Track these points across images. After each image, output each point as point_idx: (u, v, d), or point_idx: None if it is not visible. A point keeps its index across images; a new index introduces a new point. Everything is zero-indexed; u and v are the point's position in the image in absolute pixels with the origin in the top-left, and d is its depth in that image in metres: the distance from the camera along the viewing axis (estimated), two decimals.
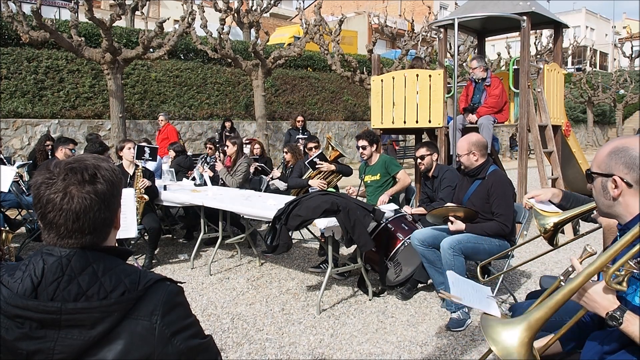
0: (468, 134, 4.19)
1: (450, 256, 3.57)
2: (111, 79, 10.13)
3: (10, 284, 1.14)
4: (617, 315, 1.44)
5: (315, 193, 4.42)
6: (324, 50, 13.64)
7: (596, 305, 1.49)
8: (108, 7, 26.08)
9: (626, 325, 1.44)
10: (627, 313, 1.45)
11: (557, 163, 6.95)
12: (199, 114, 14.42)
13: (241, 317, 3.86)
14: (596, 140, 27.58)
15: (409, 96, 7.04)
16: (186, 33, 10.58)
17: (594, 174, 1.65)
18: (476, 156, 3.90)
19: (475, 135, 4.04)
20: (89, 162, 1.21)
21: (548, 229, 2.12)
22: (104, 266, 1.18)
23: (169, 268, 5.25)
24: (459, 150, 4.00)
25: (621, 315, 1.44)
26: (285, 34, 21.74)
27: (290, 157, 6.63)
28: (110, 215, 1.24)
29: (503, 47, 23.56)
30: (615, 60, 40.87)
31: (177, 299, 1.22)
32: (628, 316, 1.44)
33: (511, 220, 3.76)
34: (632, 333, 1.43)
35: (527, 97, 6.56)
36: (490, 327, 1.44)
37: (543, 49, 23.79)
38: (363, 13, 29.53)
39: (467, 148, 3.91)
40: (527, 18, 6.48)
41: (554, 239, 2.17)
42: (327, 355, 3.23)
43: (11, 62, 11.65)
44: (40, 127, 11.40)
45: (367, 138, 4.96)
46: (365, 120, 17.68)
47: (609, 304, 1.47)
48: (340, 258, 4.71)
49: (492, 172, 3.87)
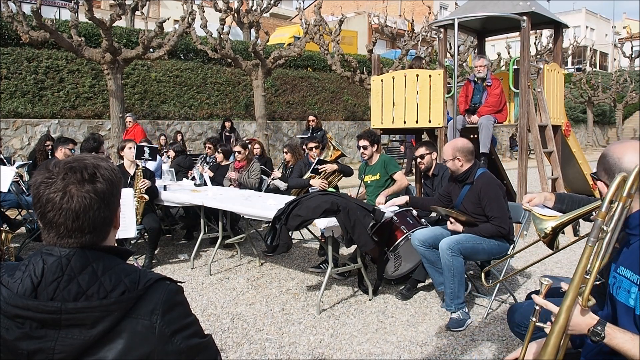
0: (453, 140, 4.19)
1: (449, 257, 3.57)
2: (111, 79, 10.14)
3: (10, 284, 1.14)
4: (598, 330, 1.50)
5: (315, 193, 4.43)
6: (324, 50, 13.65)
7: (579, 328, 1.54)
8: (108, 7, 26.09)
9: (609, 339, 1.49)
10: (607, 326, 1.50)
11: (557, 163, 6.95)
12: (199, 114, 14.42)
13: (241, 317, 3.86)
14: (596, 141, 27.58)
15: (409, 96, 7.04)
16: (186, 33, 10.59)
17: (592, 175, 1.76)
18: (461, 161, 3.88)
19: (461, 141, 4.00)
20: (89, 161, 1.21)
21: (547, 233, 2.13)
22: (103, 266, 1.18)
23: (169, 268, 5.25)
24: (444, 155, 4.01)
25: (602, 329, 1.50)
26: (285, 34, 21.74)
27: (290, 157, 6.64)
28: (109, 214, 1.24)
29: (503, 47, 23.58)
30: (615, 60, 40.88)
31: (177, 298, 1.23)
32: (608, 329, 1.50)
33: (507, 220, 3.75)
34: (616, 346, 1.48)
35: (527, 97, 6.56)
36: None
37: (543, 49, 23.80)
38: (363, 13, 29.53)
39: (451, 154, 3.89)
40: (527, 18, 6.48)
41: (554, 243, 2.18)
42: (327, 355, 3.23)
43: (11, 62, 11.66)
44: (40, 127, 11.40)
45: (368, 138, 4.96)
46: (365, 120, 17.68)
47: (589, 322, 1.53)
48: (340, 258, 4.72)
49: (480, 175, 3.84)
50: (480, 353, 3.23)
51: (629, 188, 1.47)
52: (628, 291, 1.54)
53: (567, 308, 1.50)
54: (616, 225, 1.50)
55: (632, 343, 1.45)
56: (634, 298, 1.51)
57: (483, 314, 3.86)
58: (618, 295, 1.59)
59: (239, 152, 6.29)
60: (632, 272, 1.53)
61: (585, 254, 1.48)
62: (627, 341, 1.46)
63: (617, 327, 1.51)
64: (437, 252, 3.79)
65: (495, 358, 3.18)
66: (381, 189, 4.85)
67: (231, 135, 12.11)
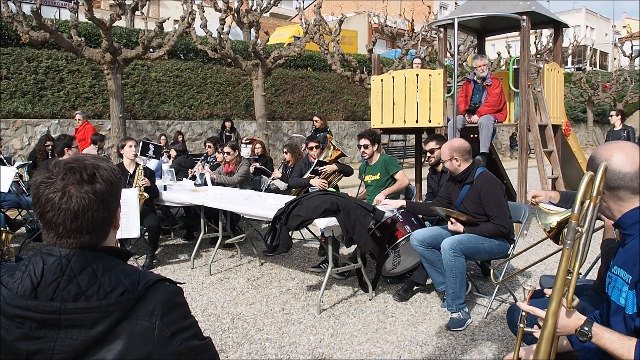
0: (451, 140, 4.17)
1: (451, 257, 3.57)
2: (111, 79, 10.14)
3: (10, 284, 1.14)
4: (585, 330, 1.51)
5: (315, 193, 4.43)
6: (324, 50, 13.64)
7: (567, 329, 1.55)
8: (108, 7, 26.08)
9: (596, 340, 1.50)
10: (594, 326, 1.51)
11: (557, 162, 6.95)
12: (199, 113, 14.42)
13: (241, 317, 3.86)
14: (596, 140, 27.56)
15: (409, 96, 7.04)
16: (186, 33, 10.59)
17: None
18: (458, 161, 3.87)
19: (457, 141, 3.99)
20: (88, 161, 1.21)
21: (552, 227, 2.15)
22: (103, 266, 1.18)
23: (169, 268, 5.25)
24: (441, 156, 4.00)
25: (589, 329, 1.51)
26: (285, 33, 21.73)
27: (290, 157, 6.63)
28: (109, 215, 1.24)
29: (503, 46, 23.57)
30: (615, 60, 40.85)
31: (177, 300, 1.22)
32: (595, 329, 1.51)
33: (507, 220, 3.75)
34: (603, 346, 1.49)
35: (527, 96, 6.56)
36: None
37: (543, 48, 23.79)
38: (363, 13, 29.51)
39: (448, 154, 3.88)
40: (527, 18, 6.48)
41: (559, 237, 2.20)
42: (327, 355, 3.23)
43: (11, 62, 11.66)
44: (40, 127, 11.40)
45: (369, 137, 4.96)
46: (365, 120, 17.67)
47: (576, 322, 1.53)
48: (341, 258, 4.72)
49: (480, 175, 3.84)
50: (480, 353, 3.23)
51: (597, 187, 1.47)
52: (620, 290, 1.55)
53: (552, 313, 1.51)
54: (590, 226, 1.50)
55: (619, 343, 1.45)
56: (625, 297, 1.53)
57: (483, 313, 3.86)
58: (612, 294, 1.60)
59: (227, 153, 6.09)
60: (625, 271, 1.54)
61: (564, 257, 1.49)
62: (614, 341, 1.47)
63: (604, 327, 1.52)
64: (436, 252, 3.79)
65: (496, 358, 3.18)
66: (381, 189, 4.85)
67: (231, 135, 12.11)
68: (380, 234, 4.31)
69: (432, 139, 4.86)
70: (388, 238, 4.29)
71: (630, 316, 1.50)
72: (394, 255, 4.26)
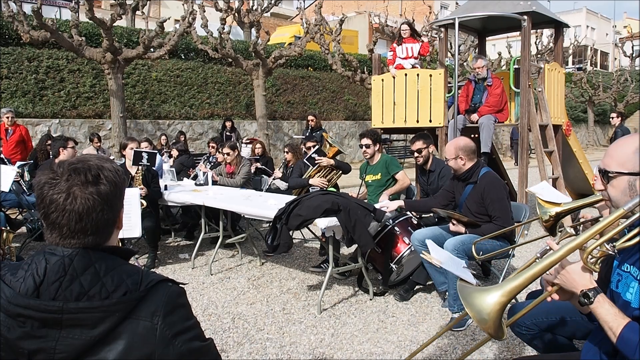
0: (455, 138, 4.15)
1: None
2: (112, 79, 10.15)
3: (12, 283, 1.14)
4: (591, 294, 1.46)
5: (316, 193, 4.43)
6: (325, 49, 13.65)
7: (573, 283, 1.50)
8: (109, 6, 26.07)
9: (595, 306, 1.45)
10: (600, 295, 1.46)
11: (558, 162, 6.95)
12: (199, 113, 14.42)
13: (242, 316, 3.87)
14: (597, 140, 27.56)
15: (410, 96, 7.04)
16: (187, 33, 10.60)
17: (617, 173, 1.59)
18: (463, 160, 3.86)
19: (463, 140, 3.99)
20: (93, 162, 1.22)
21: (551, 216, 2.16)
22: (106, 266, 1.18)
23: (170, 268, 5.25)
24: (446, 154, 3.99)
25: (594, 295, 1.46)
26: (286, 33, 21.74)
27: (291, 156, 6.63)
28: (112, 216, 1.25)
29: (504, 46, 23.58)
30: (616, 60, 40.84)
31: (179, 301, 1.23)
32: (600, 297, 1.46)
33: (509, 220, 3.75)
34: (599, 315, 1.45)
35: (528, 96, 6.57)
36: (467, 292, 1.49)
37: (544, 48, 23.79)
38: (364, 13, 29.50)
39: (454, 152, 3.87)
40: (527, 18, 6.47)
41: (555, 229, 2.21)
42: (327, 355, 3.23)
43: (12, 61, 11.66)
44: (41, 126, 11.41)
45: (370, 137, 4.95)
46: (366, 119, 17.68)
47: (586, 283, 1.49)
48: (341, 258, 4.71)
49: (484, 174, 3.83)
50: (480, 353, 3.23)
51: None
52: (629, 286, 1.54)
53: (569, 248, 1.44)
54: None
55: (613, 317, 1.43)
56: (632, 292, 1.52)
57: None
58: (620, 290, 1.58)
59: (227, 154, 6.02)
60: (637, 268, 1.53)
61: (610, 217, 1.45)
62: (610, 313, 1.44)
63: (609, 300, 1.48)
64: None
65: (496, 358, 3.19)
66: (382, 189, 4.85)
67: (232, 135, 12.10)
68: (381, 250, 4.25)
69: (418, 138, 4.81)
70: (389, 251, 4.23)
71: (634, 309, 1.49)
72: (397, 268, 4.25)
